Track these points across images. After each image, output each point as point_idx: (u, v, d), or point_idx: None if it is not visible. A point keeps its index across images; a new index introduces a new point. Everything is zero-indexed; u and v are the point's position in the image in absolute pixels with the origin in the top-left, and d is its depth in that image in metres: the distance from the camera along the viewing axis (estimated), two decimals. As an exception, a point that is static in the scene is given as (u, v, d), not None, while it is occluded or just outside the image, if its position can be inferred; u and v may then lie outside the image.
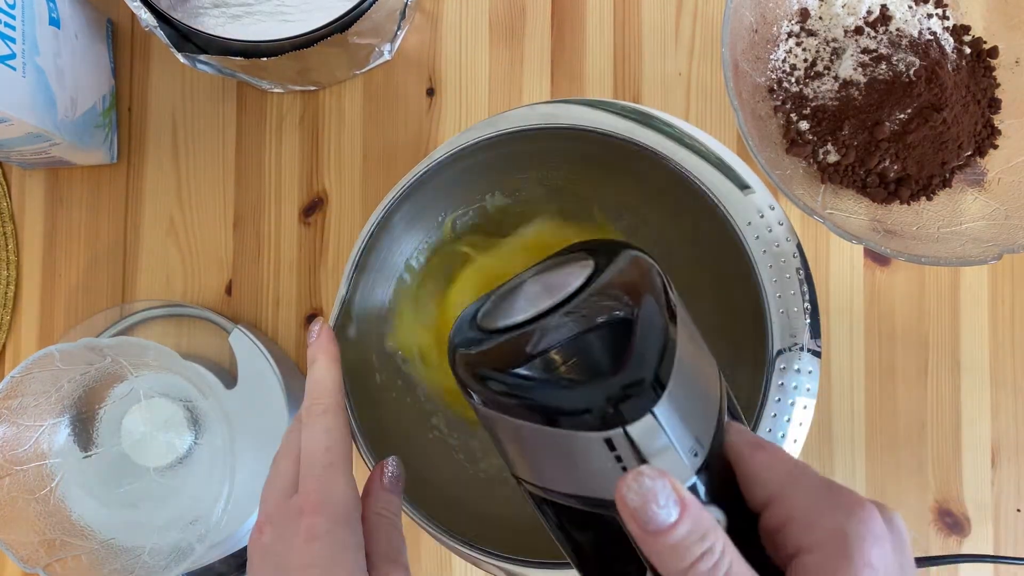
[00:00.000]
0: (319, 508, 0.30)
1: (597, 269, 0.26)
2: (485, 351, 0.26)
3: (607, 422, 0.23)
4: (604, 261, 0.27)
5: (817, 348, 0.37)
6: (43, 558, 0.40)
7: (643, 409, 0.23)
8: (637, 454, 0.23)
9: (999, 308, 0.52)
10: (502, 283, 0.29)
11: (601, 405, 0.23)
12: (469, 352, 0.26)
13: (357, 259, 0.39)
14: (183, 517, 0.44)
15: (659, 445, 0.23)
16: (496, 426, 0.26)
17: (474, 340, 0.26)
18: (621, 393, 0.23)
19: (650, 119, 0.38)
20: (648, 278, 0.26)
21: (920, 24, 0.49)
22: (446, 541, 0.38)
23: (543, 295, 0.26)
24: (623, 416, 0.23)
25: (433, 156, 0.39)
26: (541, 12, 0.52)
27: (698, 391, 0.25)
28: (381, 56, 0.49)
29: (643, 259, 0.27)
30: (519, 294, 0.27)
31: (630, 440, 0.23)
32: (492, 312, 0.27)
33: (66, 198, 0.52)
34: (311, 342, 0.36)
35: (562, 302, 0.25)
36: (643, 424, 0.23)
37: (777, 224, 0.37)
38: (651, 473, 0.21)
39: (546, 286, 0.26)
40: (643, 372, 0.23)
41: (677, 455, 0.23)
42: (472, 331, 0.27)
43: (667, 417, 0.23)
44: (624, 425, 0.23)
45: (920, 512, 0.50)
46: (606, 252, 0.27)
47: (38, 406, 0.43)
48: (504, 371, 0.24)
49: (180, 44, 0.43)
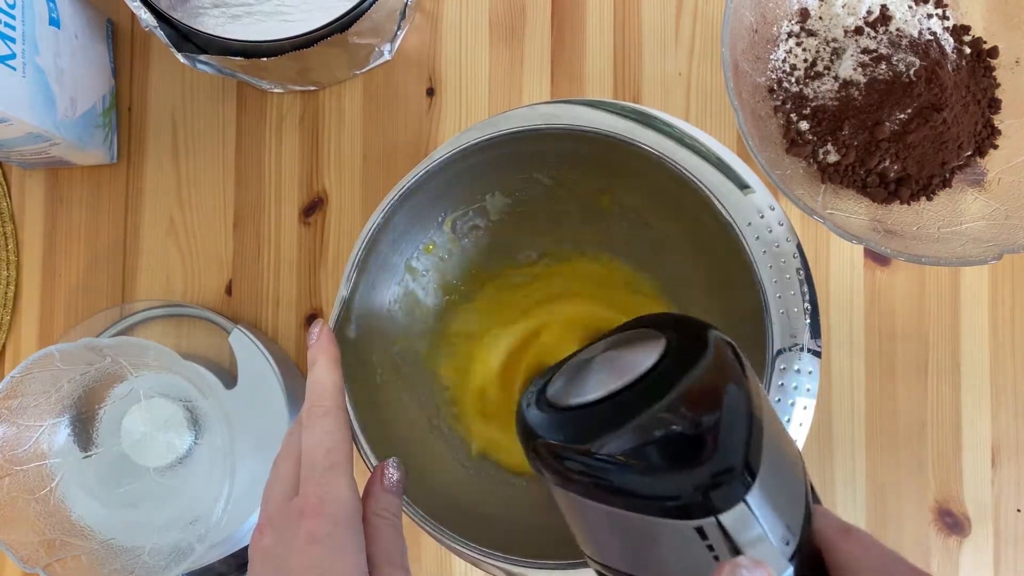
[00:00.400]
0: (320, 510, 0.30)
1: (669, 346, 0.26)
2: (567, 432, 0.25)
3: (699, 511, 0.22)
4: (675, 337, 0.26)
5: (817, 348, 0.37)
6: (43, 558, 0.40)
7: (735, 498, 0.22)
8: (730, 543, 0.23)
9: (999, 308, 0.52)
10: (569, 357, 0.29)
11: (691, 493, 0.22)
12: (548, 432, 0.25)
13: (357, 259, 0.39)
14: (183, 517, 0.44)
15: (752, 535, 0.23)
16: (572, 506, 0.25)
17: (550, 420, 0.26)
18: (711, 481, 0.22)
19: (650, 119, 0.38)
20: (730, 363, 0.25)
21: (920, 24, 0.49)
22: (446, 541, 0.38)
23: (617, 375, 0.25)
24: (715, 505, 0.22)
25: (433, 156, 0.39)
26: (541, 12, 0.52)
27: (786, 476, 0.24)
28: (381, 56, 0.49)
29: (723, 342, 0.26)
30: (592, 371, 0.26)
31: (723, 529, 0.22)
32: (565, 390, 0.26)
33: (66, 198, 0.52)
34: (311, 344, 0.36)
35: (636, 381, 0.25)
36: (735, 513, 0.22)
37: (777, 224, 0.37)
38: (748, 565, 0.21)
39: (620, 366, 0.26)
40: (733, 460, 0.23)
41: (770, 544, 0.23)
42: (544, 408, 0.26)
43: (759, 505, 0.23)
44: (716, 514, 0.22)
45: (920, 512, 0.50)
46: (674, 327, 0.27)
47: (38, 406, 0.43)
48: (588, 456, 0.24)
49: (180, 44, 0.43)
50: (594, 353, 0.28)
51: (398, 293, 0.44)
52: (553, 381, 0.28)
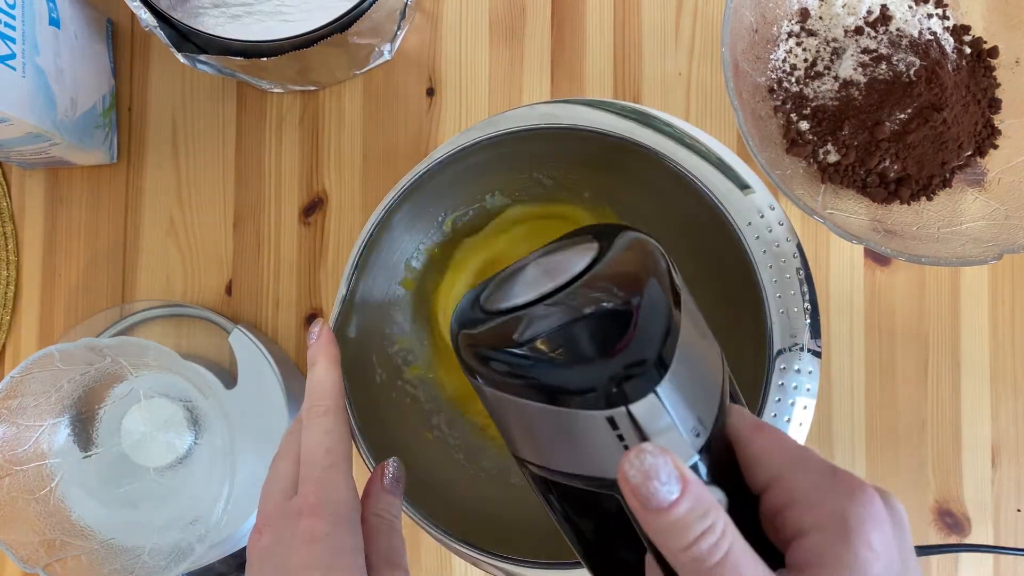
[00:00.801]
0: (319, 510, 0.30)
1: (601, 251, 0.26)
2: (487, 331, 0.26)
3: (610, 401, 0.23)
4: (608, 244, 0.27)
5: (817, 348, 0.37)
6: (43, 558, 0.40)
7: (646, 389, 0.23)
8: (639, 433, 0.23)
9: (999, 308, 0.52)
10: (506, 266, 0.29)
11: (604, 384, 0.23)
12: (471, 332, 0.26)
13: (357, 259, 0.39)
14: (183, 517, 0.44)
15: (661, 424, 0.23)
16: (499, 406, 0.26)
17: (477, 320, 0.27)
18: (624, 373, 0.23)
19: (650, 119, 0.38)
20: (652, 260, 0.26)
21: (920, 24, 0.49)
22: (446, 541, 0.38)
23: (547, 277, 0.26)
24: (626, 395, 0.23)
25: (433, 156, 0.39)
26: (541, 12, 0.52)
27: (701, 372, 0.25)
28: (381, 56, 0.49)
29: (648, 241, 0.27)
30: (523, 277, 0.27)
31: (632, 419, 0.23)
32: (496, 294, 0.27)
33: (66, 198, 0.52)
34: (311, 343, 0.36)
35: (565, 284, 0.25)
36: (646, 403, 0.23)
37: (777, 224, 0.37)
38: (653, 450, 0.21)
39: (550, 269, 0.26)
40: (646, 352, 0.23)
41: (679, 434, 0.23)
42: (475, 312, 0.27)
43: (670, 397, 0.23)
44: (627, 404, 0.23)
45: (920, 512, 0.50)
46: (610, 235, 0.27)
47: (38, 406, 0.43)
48: (506, 351, 0.24)
49: (180, 44, 0.43)
50: (527, 260, 0.28)
51: (398, 293, 0.44)
52: (487, 288, 0.28)
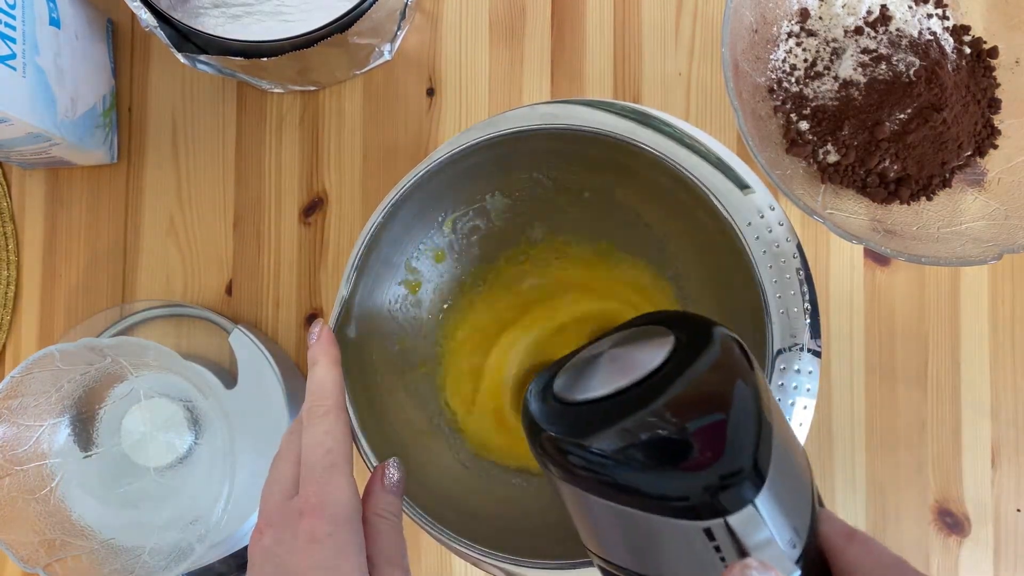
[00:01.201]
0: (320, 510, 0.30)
1: (678, 343, 0.26)
2: (574, 427, 0.25)
3: (706, 512, 0.22)
4: (683, 335, 0.26)
5: (817, 348, 0.37)
6: (43, 558, 0.40)
7: (744, 500, 0.22)
8: (737, 545, 0.22)
9: (999, 308, 0.52)
10: (576, 352, 0.28)
11: (699, 494, 0.22)
12: (554, 426, 0.25)
13: (357, 259, 0.39)
14: (183, 517, 0.44)
15: (760, 537, 0.23)
16: (577, 502, 0.25)
17: (556, 413, 0.26)
18: (720, 483, 0.22)
19: (650, 119, 0.38)
20: (738, 361, 0.25)
21: (920, 24, 0.49)
22: (446, 541, 0.38)
23: (624, 372, 0.25)
24: (723, 506, 0.22)
25: (433, 156, 0.39)
26: (541, 12, 0.52)
27: (794, 478, 0.24)
28: (381, 56, 0.49)
29: (730, 339, 0.26)
30: (599, 367, 0.26)
31: (731, 531, 0.22)
32: (571, 385, 0.26)
33: (66, 198, 0.52)
34: (312, 344, 0.36)
35: (644, 378, 0.25)
36: (744, 515, 0.22)
37: (777, 224, 0.37)
38: (757, 566, 0.20)
39: (627, 362, 0.26)
40: (743, 461, 0.22)
41: (777, 547, 0.23)
42: (550, 402, 0.26)
43: (767, 507, 0.23)
44: (725, 516, 0.22)
45: (920, 512, 0.50)
46: (683, 325, 0.27)
47: (38, 406, 0.43)
48: (593, 449, 0.24)
49: (180, 44, 0.43)
50: (601, 349, 0.28)
51: (398, 293, 0.44)
52: (559, 376, 0.28)
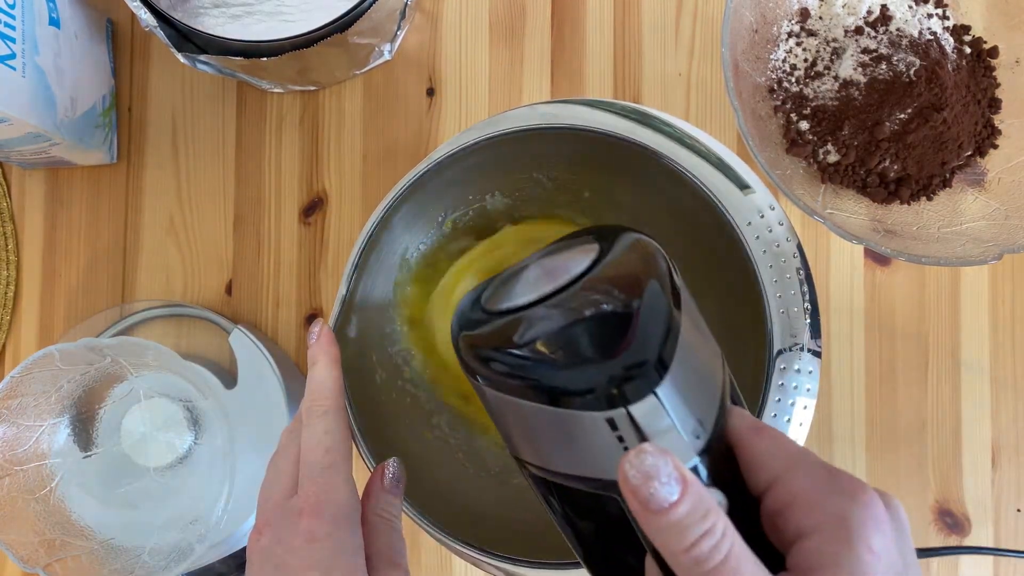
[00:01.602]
0: (319, 510, 0.30)
1: (602, 252, 0.26)
2: (488, 331, 0.26)
3: (610, 402, 0.23)
4: (609, 245, 0.27)
5: (817, 348, 0.37)
6: (43, 558, 0.40)
7: (646, 390, 0.23)
8: (640, 434, 0.23)
9: (999, 308, 0.52)
10: (507, 267, 0.29)
11: (604, 385, 0.23)
12: (471, 333, 0.26)
13: (357, 259, 0.39)
14: (183, 517, 0.44)
15: (662, 426, 0.23)
16: (499, 407, 0.26)
17: (478, 321, 0.27)
18: (624, 374, 0.23)
19: (650, 119, 0.38)
20: (653, 261, 0.26)
21: (920, 24, 0.49)
22: (446, 541, 0.38)
23: (547, 278, 0.26)
24: (626, 396, 0.23)
25: (433, 156, 0.39)
26: (541, 12, 0.52)
27: (701, 374, 0.25)
28: (381, 56, 0.49)
29: (648, 243, 0.27)
30: (523, 277, 0.27)
31: (632, 420, 0.23)
32: (496, 295, 0.27)
33: (66, 198, 0.52)
34: (311, 343, 0.36)
35: (566, 285, 0.25)
36: (646, 404, 0.23)
37: (777, 224, 0.37)
38: (653, 451, 0.21)
39: (551, 270, 0.26)
40: (646, 354, 0.23)
41: (679, 436, 0.23)
42: (476, 312, 0.27)
43: (670, 398, 0.23)
44: (627, 405, 0.23)
45: (920, 512, 0.50)
46: (611, 236, 0.27)
47: (38, 406, 0.43)
48: (506, 351, 0.25)
49: (180, 44, 0.43)
50: (528, 261, 0.28)
51: (398, 293, 0.44)
52: (487, 288, 0.28)
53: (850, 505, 0.22)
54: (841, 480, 0.23)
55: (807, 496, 0.23)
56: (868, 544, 0.21)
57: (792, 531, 0.23)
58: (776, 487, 0.24)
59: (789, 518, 0.23)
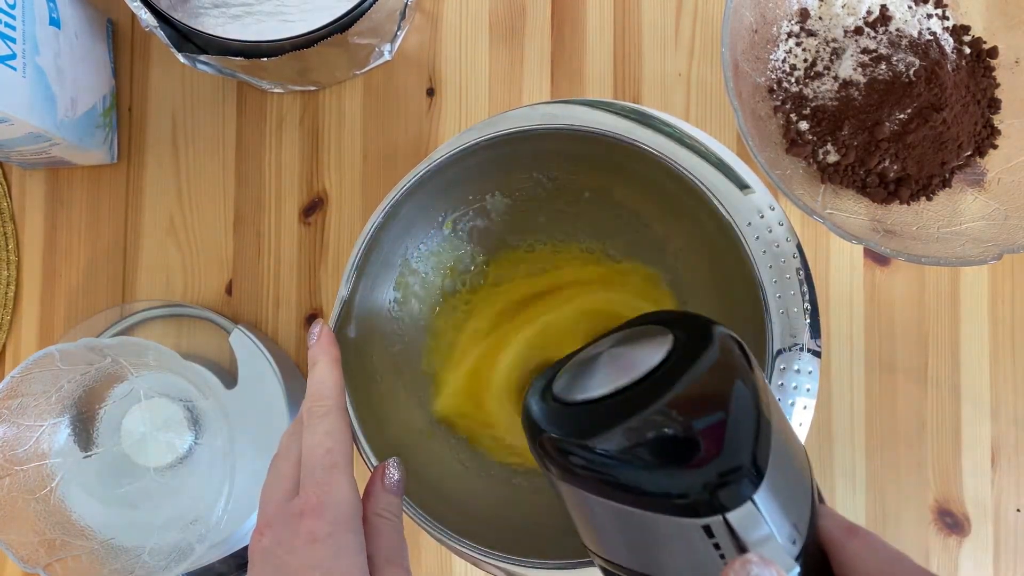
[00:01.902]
0: (320, 510, 0.30)
1: (676, 342, 0.26)
2: (571, 424, 0.25)
3: (705, 509, 0.22)
4: (682, 334, 0.26)
5: (817, 348, 0.37)
6: (43, 558, 0.40)
7: (743, 497, 0.22)
8: (737, 542, 0.22)
9: (999, 308, 0.52)
10: (575, 352, 0.28)
11: (698, 492, 0.22)
12: (555, 425, 0.25)
13: (357, 259, 0.39)
14: (183, 517, 0.44)
15: (760, 534, 0.23)
16: (577, 502, 0.25)
17: (554, 412, 0.26)
18: (718, 480, 0.22)
19: (650, 119, 0.38)
20: (737, 360, 0.25)
21: (920, 24, 0.49)
22: (446, 541, 0.38)
23: (623, 371, 0.25)
24: (722, 503, 0.22)
25: (433, 156, 0.39)
26: (541, 12, 0.52)
27: (793, 474, 0.24)
28: (381, 56, 0.49)
29: (729, 338, 0.26)
30: (597, 368, 0.26)
31: (730, 528, 0.22)
32: (570, 385, 0.26)
33: (66, 198, 0.52)
34: (312, 344, 0.36)
35: (643, 378, 0.25)
36: (743, 512, 0.22)
37: (777, 224, 0.37)
38: (758, 562, 0.20)
39: (627, 362, 0.26)
40: (741, 458, 0.23)
41: (776, 543, 0.23)
42: (549, 402, 0.26)
43: (766, 504, 0.23)
44: (724, 513, 0.22)
45: (920, 512, 0.50)
46: (682, 325, 0.27)
47: (38, 406, 0.43)
48: (594, 450, 0.24)
49: (180, 44, 0.43)
50: (600, 349, 0.28)
51: (398, 294, 0.44)
52: (559, 377, 0.28)
53: None
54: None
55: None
56: None
57: None
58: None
59: None
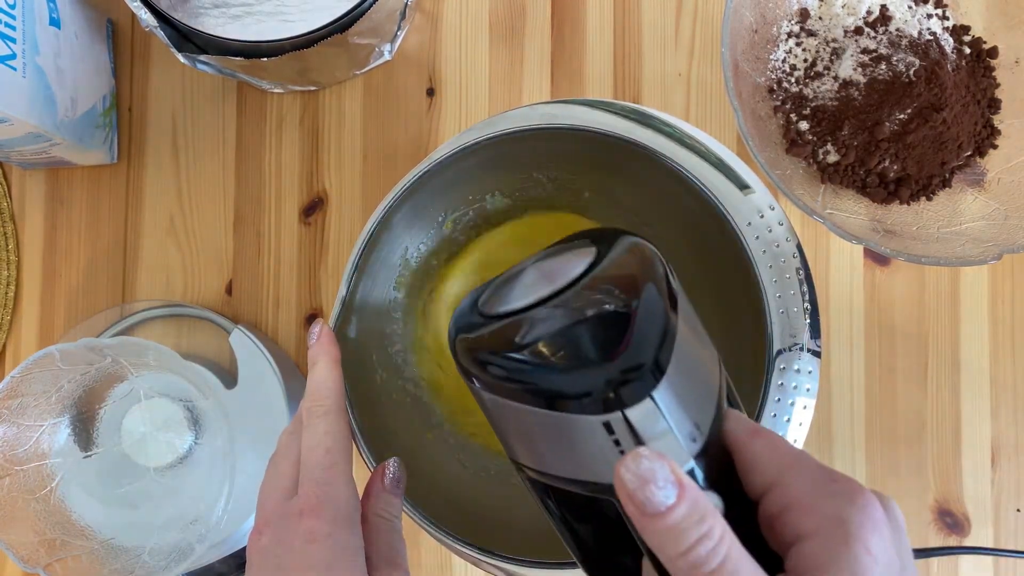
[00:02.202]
0: (319, 510, 0.30)
1: (599, 256, 0.26)
2: (484, 335, 0.26)
3: (606, 406, 0.23)
4: (606, 248, 0.27)
5: (817, 348, 0.37)
6: (43, 558, 0.40)
7: (642, 393, 0.23)
8: (636, 438, 0.23)
9: (999, 308, 0.52)
10: (505, 270, 0.29)
11: (600, 389, 0.23)
12: (468, 336, 0.26)
13: (357, 259, 0.39)
14: (183, 517, 0.44)
15: (658, 429, 0.23)
16: (495, 411, 0.26)
17: (474, 324, 0.26)
18: (620, 377, 0.23)
19: (650, 119, 0.38)
20: (649, 265, 0.26)
21: (920, 24, 0.49)
22: (446, 541, 0.38)
23: (544, 282, 0.26)
24: (622, 400, 0.23)
25: (433, 156, 0.39)
26: (541, 12, 0.52)
27: (697, 377, 0.25)
28: (381, 56, 0.49)
29: (645, 246, 0.27)
30: (520, 281, 0.27)
31: (629, 424, 0.23)
32: (493, 298, 0.27)
33: (66, 198, 0.52)
34: (312, 344, 0.36)
35: (563, 289, 0.25)
36: (642, 408, 0.23)
37: (777, 224, 0.37)
38: (649, 455, 0.21)
39: (548, 273, 0.26)
40: (642, 357, 0.23)
41: (675, 440, 0.23)
42: (473, 316, 0.27)
43: (666, 402, 0.23)
44: (623, 409, 0.23)
45: (920, 512, 0.50)
46: (608, 240, 0.27)
47: (38, 406, 0.43)
48: (503, 355, 0.24)
49: (180, 44, 0.43)
50: (525, 265, 0.28)
51: (398, 293, 0.44)
52: (483, 293, 0.28)
53: (847, 507, 0.22)
54: (838, 482, 0.23)
55: (804, 499, 0.23)
56: (866, 545, 0.21)
57: (790, 534, 0.23)
58: (773, 490, 0.24)
59: (787, 521, 0.23)
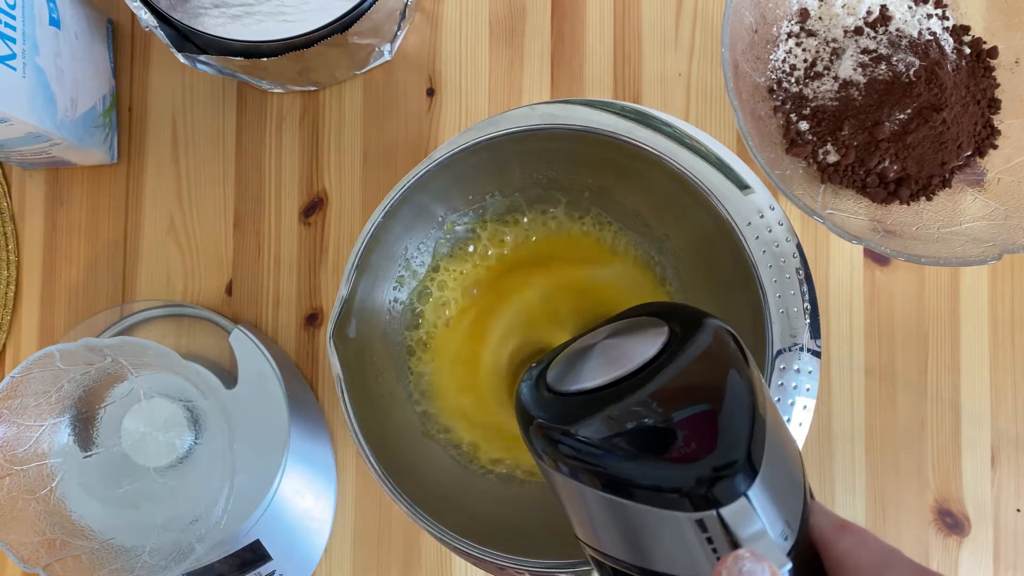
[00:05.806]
0: None
1: (672, 335, 0.26)
2: (563, 413, 0.25)
3: (697, 503, 0.22)
4: (678, 327, 0.26)
5: (817, 348, 0.37)
6: (43, 558, 0.40)
7: (737, 492, 0.22)
8: (730, 537, 0.22)
9: (999, 308, 0.52)
10: (570, 342, 0.28)
11: (692, 486, 0.22)
12: (547, 414, 0.25)
13: (357, 259, 0.39)
14: (183, 517, 0.44)
15: (753, 530, 0.22)
16: (569, 492, 0.25)
17: (546, 401, 0.26)
18: (713, 475, 0.22)
19: (650, 119, 0.38)
20: (732, 352, 0.25)
21: (920, 24, 0.49)
22: (446, 541, 0.38)
23: (619, 361, 0.25)
24: (716, 499, 0.22)
25: (433, 156, 0.39)
26: (541, 12, 0.53)
27: (786, 471, 0.24)
28: (381, 56, 0.49)
29: (724, 331, 0.26)
30: (591, 358, 0.26)
31: (723, 523, 0.22)
32: (563, 374, 0.26)
33: (66, 198, 0.52)
34: None
35: (639, 370, 0.25)
36: (736, 507, 0.22)
37: (777, 224, 0.37)
38: (750, 558, 0.20)
39: (621, 354, 0.26)
40: (735, 454, 0.23)
41: (769, 538, 0.23)
42: (542, 392, 0.26)
43: (760, 500, 0.23)
44: (718, 508, 0.22)
45: (920, 512, 0.50)
46: (681, 319, 0.27)
47: (38, 406, 0.43)
48: (589, 443, 0.24)
49: (180, 44, 0.43)
50: (595, 340, 0.27)
51: (398, 293, 0.44)
52: (553, 366, 0.28)
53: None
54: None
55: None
56: None
57: None
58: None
59: None
